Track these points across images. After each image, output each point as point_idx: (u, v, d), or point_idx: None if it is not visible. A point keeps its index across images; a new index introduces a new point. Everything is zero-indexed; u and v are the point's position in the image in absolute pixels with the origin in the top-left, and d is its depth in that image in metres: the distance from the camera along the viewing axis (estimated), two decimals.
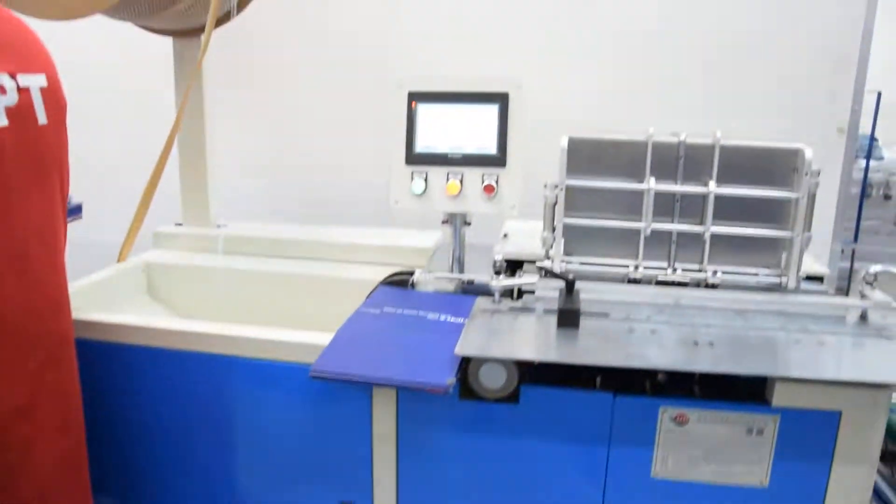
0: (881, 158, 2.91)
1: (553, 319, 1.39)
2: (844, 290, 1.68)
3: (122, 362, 1.54)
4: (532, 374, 1.33)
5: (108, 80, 2.58)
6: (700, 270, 1.57)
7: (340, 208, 2.46)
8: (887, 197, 2.93)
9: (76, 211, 2.06)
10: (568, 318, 1.36)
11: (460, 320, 1.42)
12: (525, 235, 1.79)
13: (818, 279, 1.67)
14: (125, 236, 1.99)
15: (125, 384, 1.56)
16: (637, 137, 1.54)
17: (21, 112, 1.26)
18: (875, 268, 1.59)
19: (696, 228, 1.55)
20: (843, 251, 2.30)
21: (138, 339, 1.53)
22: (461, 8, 2.37)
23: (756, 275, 1.58)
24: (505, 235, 1.84)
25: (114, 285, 1.93)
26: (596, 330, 1.38)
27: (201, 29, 1.87)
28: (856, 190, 2.77)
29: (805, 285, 1.59)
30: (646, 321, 1.43)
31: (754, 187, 1.54)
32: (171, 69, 2.10)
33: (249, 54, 2.48)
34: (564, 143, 1.53)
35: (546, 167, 1.58)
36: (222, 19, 1.95)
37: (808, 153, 1.50)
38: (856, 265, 2.61)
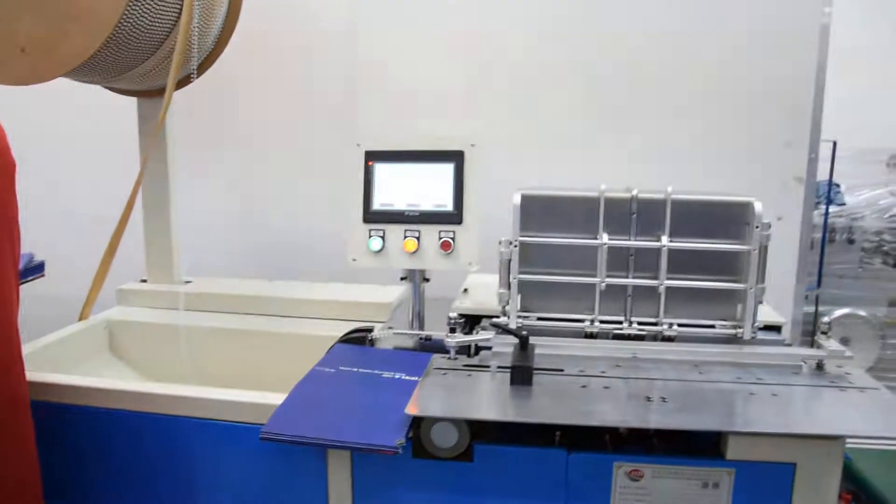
0: (843, 204, 2.97)
1: (507, 376, 1.39)
2: (811, 335, 1.70)
3: (78, 424, 1.53)
4: (486, 431, 1.33)
5: (72, 137, 2.61)
6: (656, 323, 1.58)
7: (306, 263, 2.47)
8: (851, 241, 2.98)
9: (39, 269, 2.06)
10: (520, 375, 1.37)
11: (415, 378, 1.43)
12: (486, 289, 1.80)
13: (776, 329, 1.69)
14: (87, 293, 2.00)
15: (82, 446, 1.54)
16: (589, 193, 1.57)
17: None
18: (836, 313, 1.62)
19: (651, 282, 1.57)
20: (807, 297, 2.33)
21: (92, 400, 1.52)
22: (420, 68, 2.41)
23: (712, 326, 1.60)
24: (465, 290, 1.85)
25: (75, 344, 1.92)
26: (549, 386, 1.38)
27: (164, 90, 1.89)
28: (819, 236, 2.83)
29: (762, 335, 1.61)
30: (600, 376, 1.43)
31: (707, 241, 1.56)
32: (136, 128, 2.13)
33: (213, 113, 2.50)
34: (517, 199, 1.55)
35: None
36: (183, 81, 1.98)
37: (758, 206, 1.53)
38: (821, 309, 2.65)
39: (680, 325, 1.58)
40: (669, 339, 1.58)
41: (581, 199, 1.58)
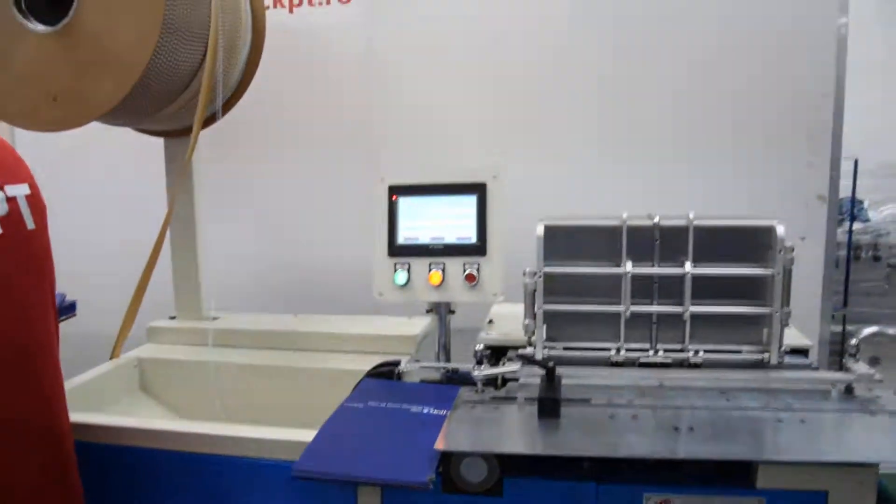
0: (867, 221, 2.95)
1: (535, 408, 1.40)
2: (839, 355, 1.68)
3: (110, 463, 1.56)
4: (516, 463, 1.34)
5: (102, 178, 2.66)
6: (682, 350, 1.58)
7: (332, 296, 2.49)
8: (877, 258, 2.96)
9: (70, 309, 2.10)
10: (548, 407, 1.37)
11: (443, 412, 1.44)
12: (511, 320, 1.79)
13: (803, 352, 1.67)
14: (118, 331, 2.03)
15: (114, 485, 1.57)
16: (612, 222, 1.58)
17: (12, 220, 1.35)
18: (865, 332, 1.61)
19: (676, 309, 1.57)
20: (833, 316, 2.32)
21: (124, 439, 1.55)
22: (441, 98, 2.44)
23: (739, 352, 1.59)
24: (490, 321, 1.86)
25: (107, 382, 1.95)
26: (577, 417, 1.39)
27: (190, 129, 1.94)
28: (844, 253, 2.81)
29: (790, 359, 1.60)
30: (627, 406, 1.43)
31: (731, 265, 1.56)
32: (163, 167, 2.18)
33: (236, 151, 2.55)
34: (540, 230, 1.56)
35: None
36: (209, 120, 2.02)
37: (780, 230, 1.53)
38: (849, 328, 2.63)
39: (706, 352, 1.58)
40: (696, 365, 1.57)
41: (603, 228, 1.59)
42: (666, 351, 1.59)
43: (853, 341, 1.57)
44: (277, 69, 2.26)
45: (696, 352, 1.57)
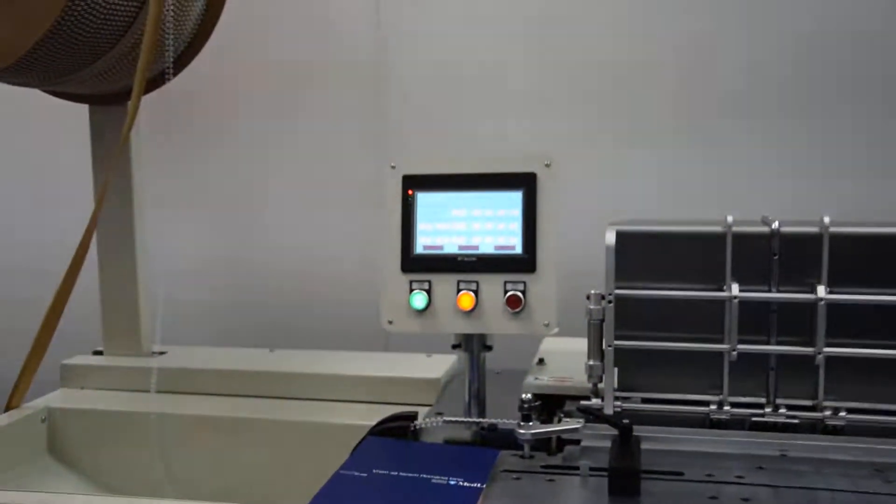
0: None
1: (604, 483, 1.40)
2: None
3: None
4: None
5: (3, 161, 2.71)
6: (814, 408, 1.58)
7: (320, 326, 2.52)
8: None
9: None
10: (622, 481, 1.38)
11: (476, 485, 1.45)
12: (569, 359, 1.82)
13: None
14: (19, 373, 2.04)
15: None
16: (711, 227, 1.59)
17: None
18: None
19: (804, 350, 1.57)
20: None
21: None
22: (474, 56, 2.49)
23: None
24: (540, 361, 1.89)
25: (2, 442, 1.96)
26: (663, 496, 1.38)
27: (127, 94, 1.95)
28: None
29: None
30: (735, 483, 1.43)
31: (883, 291, 1.56)
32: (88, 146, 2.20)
33: (194, 124, 2.59)
34: (611, 237, 1.58)
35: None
36: (155, 81, 2.05)
37: None
38: None
39: (850, 412, 1.57)
40: (835, 430, 1.57)
41: (699, 236, 1.61)
42: (790, 408, 1.59)
43: None
44: (250, 13, 2.29)
45: (836, 410, 1.57)
